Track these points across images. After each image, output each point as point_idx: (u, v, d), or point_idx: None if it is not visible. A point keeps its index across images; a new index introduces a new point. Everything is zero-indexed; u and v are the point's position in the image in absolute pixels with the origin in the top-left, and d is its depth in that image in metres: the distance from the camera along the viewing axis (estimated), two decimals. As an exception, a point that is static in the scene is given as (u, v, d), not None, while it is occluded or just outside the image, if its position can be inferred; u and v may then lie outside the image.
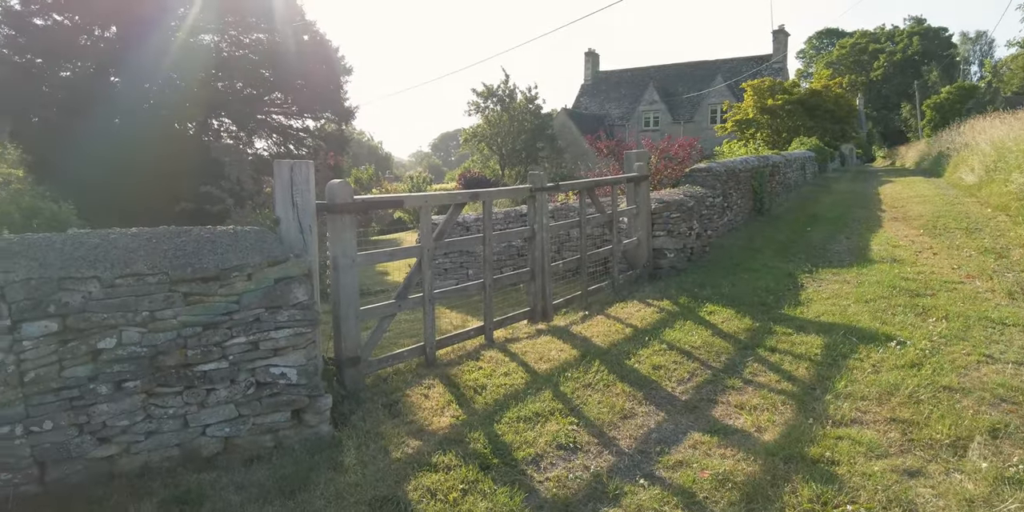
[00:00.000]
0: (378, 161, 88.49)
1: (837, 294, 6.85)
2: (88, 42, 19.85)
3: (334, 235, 4.41)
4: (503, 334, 5.94)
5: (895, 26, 69.92)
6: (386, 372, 4.88)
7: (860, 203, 16.05)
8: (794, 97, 30.15)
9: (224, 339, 3.69)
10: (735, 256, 9.28)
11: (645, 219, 8.04)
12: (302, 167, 4.12)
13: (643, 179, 7.90)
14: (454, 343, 5.43)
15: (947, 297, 6.37)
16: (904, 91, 63.54)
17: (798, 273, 8.04)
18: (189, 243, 3.73)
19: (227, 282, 3.68)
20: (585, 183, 6.96)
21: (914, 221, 11.95)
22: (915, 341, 5.03)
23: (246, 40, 21.59)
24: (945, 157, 23.80)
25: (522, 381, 4.65)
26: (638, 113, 46.98)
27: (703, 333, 5.68)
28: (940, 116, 40.75)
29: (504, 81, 39.43)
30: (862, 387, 4.25)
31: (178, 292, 3.57)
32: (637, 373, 4.76)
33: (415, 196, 4.93)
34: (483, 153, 40.09)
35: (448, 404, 4.30)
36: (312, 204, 4.16)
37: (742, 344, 5.38)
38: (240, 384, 3.75)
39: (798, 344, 5.25)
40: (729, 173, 11.41)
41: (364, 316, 4.68)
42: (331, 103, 23.24)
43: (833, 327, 5.61)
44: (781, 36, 45.06)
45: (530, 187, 6.04)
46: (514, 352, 5.31)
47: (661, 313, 6.44)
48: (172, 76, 20.23)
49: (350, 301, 4.48)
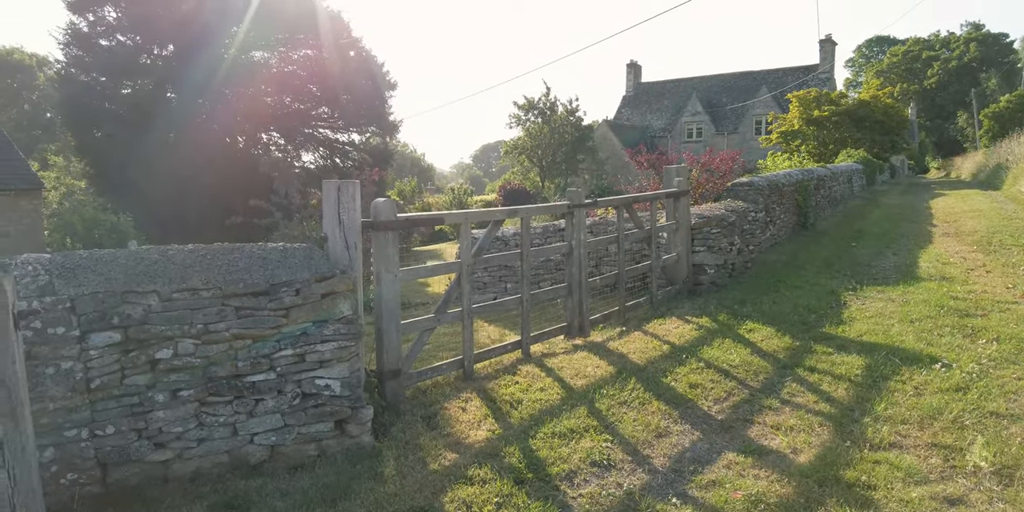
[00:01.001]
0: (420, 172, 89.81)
1: (881, 313, 6.72)
2: (148, 60, 20.87)
3: (378, 251, 4.58)
4: (540, 349, 6.02)
5: (951, 32, 67.72)
6: (425, 384, 5.00)
7: (910, 217, 15.61)
8: (841, 108, 29.51)
9: (272, 351, 3.87)
10: (777, 272, 9.16)
11: (685, 234, 8.03)
12: (348, 187, 4.30)
13: (683, 194, 7.89)
14: (491, 357, 5.53)
15: (999, 318, 6.18)
16: (960, 99, 61.44)
17: (841, 291, 7.90)
18: (241, 259, 3.93)
19: (276, 297, 3.86)
20: (623, 199, 7.01)
21: (967, 237, 11.58)
22: (962, 364, 4.91)
23: (294, 56, 22.36)
24: (1004, 169, 22.95)
25: (557, 397, 4.71)
26: (680, 124, 46.63)
27: (741, 351, 5.65)
28: (999, 126, 39.22)
29: (545, 94, 39.73)
30: (903, 410, 4.18)
31: (230, 306, 3.77)
32: (673, 391, 4.77)
33: (455, 214, 5.07)
34: (523, 165, 40.35)
35: (484, 418, 4.39)
36: (357, 222, 4.33)
37: (781, 363, 5.33)
38: (287, 395, 3.92)
39: (838, 364, 5.18)
40: (772, 187, 11.27)
41: (405, 330, 4.83)
42: (376, 117, 23.83)
43: (875, 347, 5.51)
44: (828, 45, 44.21)
45: (568, 203, 6.13)
46: (550, 367, 5.38)
47: (699, 330, 6.42)
48: (224, 92, 21.09)
49: (392, 315, 4.63)
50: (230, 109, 21.24)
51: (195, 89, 20.70)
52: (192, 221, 17.82)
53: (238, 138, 21.70)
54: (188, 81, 20.60)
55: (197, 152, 19.56)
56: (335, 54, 22.36)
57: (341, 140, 24.36)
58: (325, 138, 23.83)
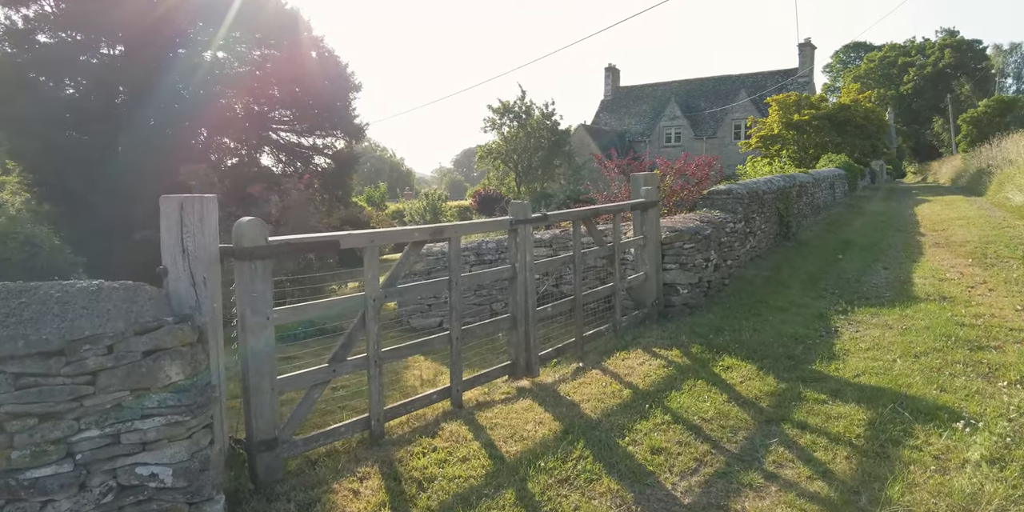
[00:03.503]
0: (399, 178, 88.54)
1: (879, 344, 5.77)
2: (93, 59, 19.52)
3: (241, 287, 3.51)
4: (476, 395, 4.98)
5: (926, 39, 68.15)
6: (317, 453, 3.94)
7: (896, 226, 14.83)
8: (822, 112, 28.92)
9: (69, 433, 2.80)
10: (758, 290, 8.22)
11: (654, 250, 7.05)
12: (195, 204, 3.24)
13: (651, 205, 6.92)
14: (411, 410, 4.48)
15: (1017, 351, 5.26)
16: (936, 105, 61.70)
17: (830, 313, 6.97)
18: (30, 306, 2.85)
19: (76, 358, 2.79)
20: (580, 213, 6.01)
21: (959, 248, 10.75)
22: (988, 420, 3.96)
23: (252, 56, 21.14)
24: (986, 174, 22.38)
25: (482, 471, 3.67)
26: (659, 129, 45.99)
27: (716, 398, 4.66)
28: (977, 130, 39.04)
29: (520, 97, 38.77)
30: (925, 496, 3.20)
31: (5, 373, 2.70)
32: (631, 460, 3.76)
33: (357, 235, 4.02)
34: (499, 170, 39.31)
35: (380, 507, 3.34)
36: (209, 250, 3.28)
37: (764, 415, 4.35)
38: (92, 491, 2.85)
39: (834, 418, 4.21)
40: (752, 195, 10.36)
41: (286, 386, 3.77)
42: (340, 120, 22.65)
43: (877, 394, 4.55)
44: (807, 49, 43.87)
45: (510, 219, 5.11)
46: (481, 425, 4.33)
47: (668, 367, 5.42)
48: (177, 93, 19.81)
49: (263, 369, 3.57)
50: (182, 112, 19.97)
51: (145, 91, 19.41)
52: (137, 235, 16.50)
53: (191, 142, 20.39)
54: (137, 82, 19.30)
55: (146, 158, 18.27)
56: (295, 54, 21.19)
57: (304, 144, 23.14)
58: (287, 142, 22.60)
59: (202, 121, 20.44)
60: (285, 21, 21.04)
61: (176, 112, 19.97)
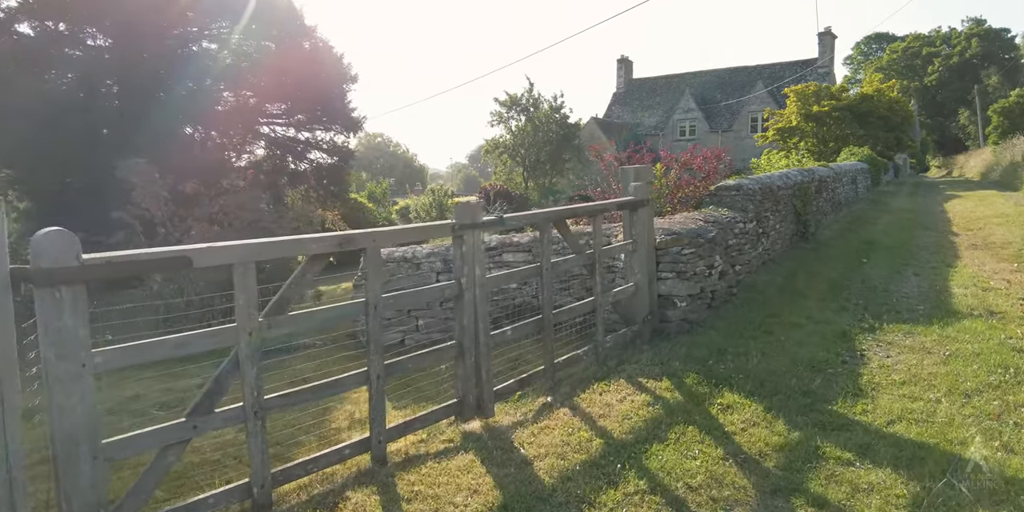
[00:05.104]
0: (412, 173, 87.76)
1: (916, 375, 4.70)
2: (76, 51, 18.77)
3: (45, 322, 2.54)
4: (409, 444, 3.99)
5: (952, 28, 65.83)
6: (169, 539, 2.97)
7: (925, 224, 13.60)
8: (842, 103, 27.50)
9: None
10: (770, 302, 7.14)
11: (646, 257, 6.01)
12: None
13: (641, 204, 5.86)
14: (314, 470, 3.50)
15: (1095, 391, 4.17)
16: (962, 96, 59.51)
17: (855, 332, 5.89)
18: None
19: None
20: (549, 213, 4.98)
21: (1001, 250, 9.57)
22: (1077, 503, 2.90)
23: (243, 48, 20.28)
24: (1021, 168, 20.94)
25: (375, 575, 2.68)
26: (673, 122, 44.63)
27: (710, 454, 3.63)
28: (1009, 121, 37.23)
29: (528, 89, 37.60)
30: None
31: None
32: (582, 556, 2.75)
33: (220, 248, 3.03)
34: (506, 165, 38.22)
35: None
36: (-17, 273, 2.32)
37: (770, 483, 3.31)
38: None
39: (863, 491, 3.16)
40: (765, 191, 9.24)
41: (118, 452, 2.80)
42: (336, 113, 21.75)
43: (920, 453, 3.49)
44: (827, 38, 42.20)
45: (453, 223, 4.10)
46: (399, 494, 3.34)
47: (654, 406, 4.40)
48: (166, 85, 19.02)
49: (78, 433, 2.60)
50: (171, 104, 19.17)
51: (133, 83, 18.64)
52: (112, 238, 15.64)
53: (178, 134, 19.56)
54: (124, 74, 18.55)
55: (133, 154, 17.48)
56: (288, 45, 20.29)
57: (299, 138, 22.26)
58: (280, 136, 21.74)
59: (189, 114, 19.63)
60: (278, 12, 20.14)
61: (162, 104, 19.16)
